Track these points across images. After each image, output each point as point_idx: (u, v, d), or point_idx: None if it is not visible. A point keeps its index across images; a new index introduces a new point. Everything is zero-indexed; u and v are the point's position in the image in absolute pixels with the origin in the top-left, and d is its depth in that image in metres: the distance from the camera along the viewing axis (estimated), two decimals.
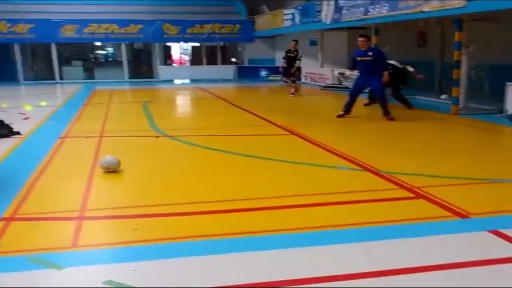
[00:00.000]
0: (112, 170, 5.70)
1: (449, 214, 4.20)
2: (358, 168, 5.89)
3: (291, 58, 15.15)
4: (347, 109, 10.16)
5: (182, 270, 3.22)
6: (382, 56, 10.05)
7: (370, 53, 9.87)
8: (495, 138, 8.55)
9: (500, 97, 10.43)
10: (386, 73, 9.81)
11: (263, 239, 3.72)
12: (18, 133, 8.44)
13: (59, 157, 6.76)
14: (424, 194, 4.74)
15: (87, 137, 8.20)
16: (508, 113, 9.88)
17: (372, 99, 11.98)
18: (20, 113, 10.77)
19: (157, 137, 8.25)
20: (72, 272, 3.22)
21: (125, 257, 3.42)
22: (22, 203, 4.64)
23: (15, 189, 5.03)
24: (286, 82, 15.61)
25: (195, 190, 5.13)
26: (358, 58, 10.03)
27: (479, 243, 3.61)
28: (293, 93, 15.25)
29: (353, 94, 10.22)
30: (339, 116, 10.12)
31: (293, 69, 15.25)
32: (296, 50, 15.16)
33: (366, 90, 11.41)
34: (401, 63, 11.74)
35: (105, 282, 3.00)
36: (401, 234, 3.79)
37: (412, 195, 4.77)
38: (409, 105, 11.65)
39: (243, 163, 6.42)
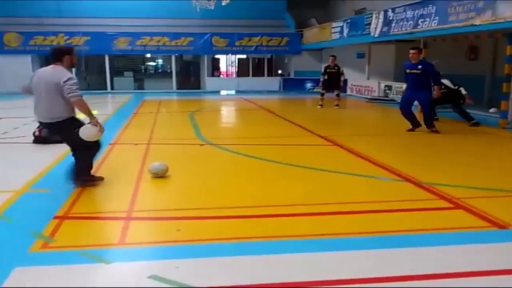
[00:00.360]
0: (160, 175, 5.95)
1: (488, 224, 4.22)
2: (399, 178, 5.93)
3: (332, 74, 15.23)
4: (411, 121, 9.92)
5: (219, 268, 3.39)
6: (432, 70, 9.77)
7: (419, 66, 9.55)
8: None
9: None
10: (437, 87, 9.60)
11: (302, 243, 3.85)
12: None
13: (109, 162, 7.07)
14: (464, 205, 4.75)
15: (136, 144, 8.52)
16: None
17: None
18: None
19: (201, 145, 8.50)
20: (120, 267, 3.45)
21: (168, 255, 3.61)
22: (74, 204, 4.92)
23: (68, 191, 5.32)
24: (322, 94, 15.60)
25: (235, 196, 5.32)
26: (408, 71, 9.75)
27: None
28: (337, 105, 15.28)
29: (404, 109, 9.97)
30: (409, 130, 9.84)
31: (341, 83, 15.45)
32: (336, 65, 15.24)
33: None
34: (454, 84, 11.37)
35: (149, 277, 3.20)
36: (435, 242, 3.84)
37: (451, 205, 4.79)
38: (471, 121, 11.08)
39: (281, 171, 6.54)
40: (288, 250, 3.69)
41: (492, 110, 12.79)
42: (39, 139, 8.58)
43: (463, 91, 11.00)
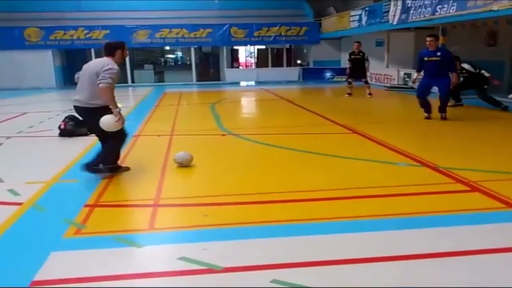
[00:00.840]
0: (185, 165, 6.16)
1: (503, 205, 4.35)
2: (417, 164, 6.06)
3: (357, 60, 15.22)
4: (427, 109, 9.95)
5: (245, 249, 3.60)
6: (450, 57, 9.74)
7: (438, 53, 9.53)
8: None
9: None
10: (455, 74, 9.57)
11: (324, 225, 4.03)
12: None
13: (134, 153, 7.29)
14: (480, 187, 4.89)
15: (159, 135, 8.75)
16: None
17: (457, 101, 11.76)
18: None
19: (223, 135, 8.70)
20: (151, 250, 3.67)
21: (196, 238, 3.82)
22: (103, 192, 5.15)
23: (96, 181, 5.55)
24: (350, 83, 15.65)
25: (258, 182, 5.51)
26: (426, 58, 9.71)
27: None
28: (370, 94, 15.26)
29: (421, 97, 9.97)
30: (426, 118, 9.88)
31: (367, 70, 15.44)
32: (361, 51, 15.22)
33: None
34: (475, 68, 11.37)
35: (180, 258, 3.40)
36: (452, 223, 4.01)
37: (468, 188, 4.93)
38: (499, 106, 11.15)
39: (302, 158, 6.72)
40: (311, 232, 3.88)
41: (511, 95, 12.73)
42: (64, 132, 8.84)
43: (486, 74, 10.98)
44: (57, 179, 5.80)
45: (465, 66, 11.32)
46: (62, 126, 8.90)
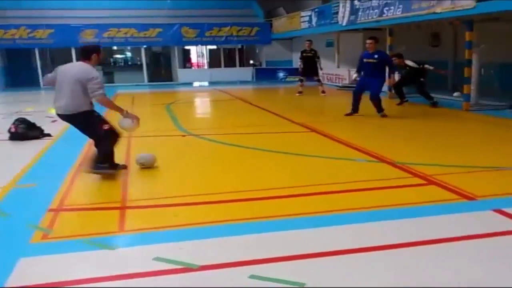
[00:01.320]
0: (148, 166, 6.16)
1: (458, 197, 4.66)
2: (375, 160, 6.32)
3: (309, 58, 15.50)
4: (354, 107, 10.52)
5: (218, 247, 3.68)
6: (387, 59, 10.39)
7: (376, 56, 10.13)
8: (504, 131, 8.90)
9: (509, 93, 10.75)
10: (392, 76, 10.25)
11: (282, 223, 4.16)
12: (49, 135, 8.89)
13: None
14: (436, 181, 5.18)
15: None
16: None
17: (401, 97, 12.39)
18: (47, 116, 11.25)
19: (183, 136, 8.72)
20: (124, 251, 3.68)
21: (169, 238, 3.86)
22: (66, 196, 5.09)
23: (57, 184, 5.46)
24: (301, 81, 15.93)
25: (224, 182, 5.60)
26: (365, 60, 10.31)
27: (483, 220, 4.09)
28: (323, 92, 15.68)
29: (356, 93, 10.52)
30: (347, 115, 10.50)
31: (320, 70, 15.77)
32: (312, 49, 15.52)
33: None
34: (418, 64, 11.99)
35: (155, 259, 3.44)
36: (413, 214, 4.26)
37: (424, 182, 5.22)
38: (430, 100, 11.99)
39: (264, 157, 6.85)
40: (281, 228, 4.01)
41: (456, 94, 13.33)
42: (15, 136, 8.57)
43: (429, 67, 11.79)
44: (15, 183, 5.67)
45: (408, 62, 11.92)
46: (13, 130, 8.62)
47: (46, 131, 8.95)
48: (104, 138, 5.68)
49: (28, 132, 8.63)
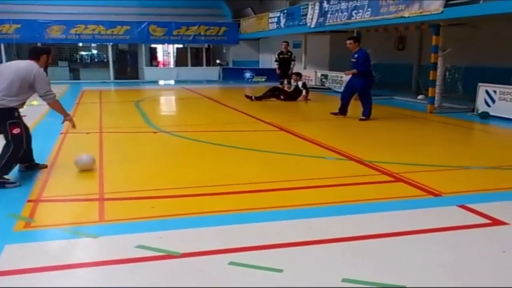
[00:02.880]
0: (85, 169, 5.87)
1: (424, 193, 4.92)
2: (343, 158, 6.57)
3: (286, 59, 15.68)
4: (342, 109, 10.57)
5: (197, 237, 3.84)
6: (362, 60, 10.21)
7: (355, 55, 10.22)
8: (467, 133, 9.38)
9: (472, 96, 11.21)
10: (354, 70, 10.16)
11: (257, 215, 4.33)
12: None
13: (66, 150, 7.24)
14: (402, 178, 5.45)
15: (88, 133, 8.66)
16: (479, 111, 10.67)
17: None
18: None
19: (154, 132, 8.81)
20: (106, 240, 3.78)
21: (149, 228, 3.98)
22: (43, 189, 5.15)
23: (33, 177, 5.53)
24: (282, 83, 16.09)
25: (197, 176, 5.74)
26: (352, 60, 10.38)
27: (449, 215, 4.34)
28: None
29: (344, 93, 10.69)
30: (333, 114, 10.60)
31: (291, 71, 15.76)
32: (289, 51, 15.72)
33: None
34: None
35: (137, 247, 3.56)
36: (382, 209, 4.49)
37: (392, 179, 5.48)
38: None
39: (236, 154, 7.04)
40: (256, 220, 4.19)
41: (420, 97, 13.78)
42: None
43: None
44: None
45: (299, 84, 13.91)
46: None
47: None
48: (8, 142, 5.30)
49: None
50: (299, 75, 14.65)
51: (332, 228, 4.02)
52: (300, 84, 14.34)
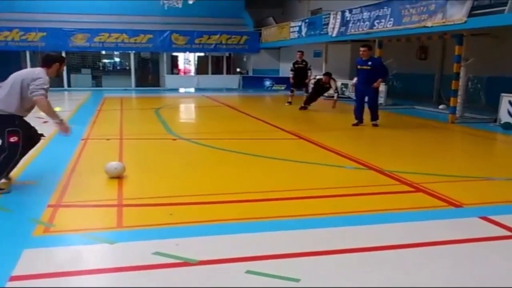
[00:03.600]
0: (116, 175, 5.87)
1: (445, 204, 4.85)
2: (363, 167, 6.51)
3: (301, 69, 15.68)
4: (359, 116, 10.57)
5: (215, 244, 3.82)
6: (381, 66, 10.54)
7: (369, 63, 10.37)
8: (489, 144, 9.23)
9: (495, 107, 11.05)
10: (379, 80, 10.35)
11: (275, 223, 4.32)
12: (42, 135, 8.93)
13: (86, 156, 7.31)
14: (423, 188, 5.37)
15: (108, 139, 8.75)
16: (502, 122, 10.51)
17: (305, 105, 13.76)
18: (37, 117, 11.25)
19: (174, 139, 8.85)
20: (124, 246, 3.79)
21: (166, 235, 3.98)
22: (63, 194, 5.19)
23: (54, 183, 5.57)
24: (292, 91, 16.11)
25: (217, 184, 5.74)
26: (359, 67, 10.59)
27: (470, 226, 4.28)
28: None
29: (358, 103, 10.65)
30: (355, 125, 10.48)
31: (308, 80, 15.86)
32: (304, 61, 15.72)
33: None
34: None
35: (154, 253, 3.57)
36: (402, 219, 4.44)
37: (412, 189, 5.41)
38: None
39: (255, 162, 7.02)
40: (275, 228, 4.17)
41: (441, 106, 13.63)
42: None
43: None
44: (15, 180, 5.75)
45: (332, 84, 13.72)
46: None
47: (39, 131, 8.95)
48: (3, 150, 5.17)
49: None
50: (330, 74, 14.31)
51: (351, 238, 3.98)
52: (333, 85, 14.09)
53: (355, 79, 11.22)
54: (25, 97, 5.18)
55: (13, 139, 5.17)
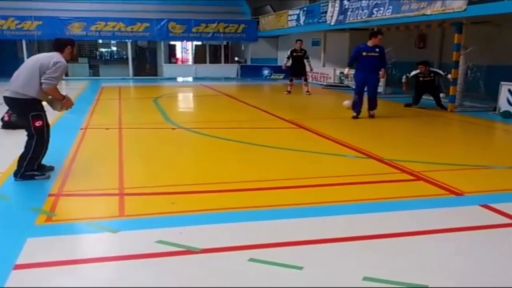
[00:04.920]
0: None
1: (446, 192, 4.86)
2: (364, 156, 6.52)
3: (299, 57, 15.67)
4: (358, 109, 10.22)
5: (217, 233, 3.84)
6: (384, 54, 10.36)
7: (377, 50, 10.02)
8: (488, 132, 9.24)
9: (494, 95, 11.05)
10: (384, 70, 10.27)
11: (276, 212, 4.34)
12: None
13: (86, 145, 7.31)
14: (424, 177, 5.39)
15: (107, 128, 8.74)
16: (501, 110, 10.52)
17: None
18: None
19: (173, 129, 8.84)
20: (127, 235, 3.80)
21: (169, 224, 4.00)
22: (64, 183, 5.19)
23: (54, 172, 5.56)
24: (291, 80, 16.09)
25: (218, 173, 5.74)
26: (364, 53, 10.03)
27: (470, 214, 4.30)
28: (308, 92, 15.84)
29: (360, 92, 10.23)
30: (354, 118, 10.13)
31: (309, 69, 15.95)
32: (302, 49, 15.69)
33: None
34: (444, 72, 11.96)
35: (157, 242, 3.58)
36: (403, 207, 4.45)
37: (412, 177, 5.42)
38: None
39: (255, 151, 7.02)
40: (277, 217, 4.19)
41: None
42: (7, 125, 8.62)
43: (449, 75, 11.64)
44: (13, 169, 5.73)
45: (434, 70, 12.27)
46: (6, 118, 8.66)
47: None
48: (31, 136, 5.28)
49: (19, 121, 8.62)
50: (426, 63, 12.15)
51: (353, 226, 3.99)
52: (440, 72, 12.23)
53: (347, 69, 11.09)
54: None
55: (38, 123, 5.27)
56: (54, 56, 5.26)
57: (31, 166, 5.29)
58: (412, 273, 3.13)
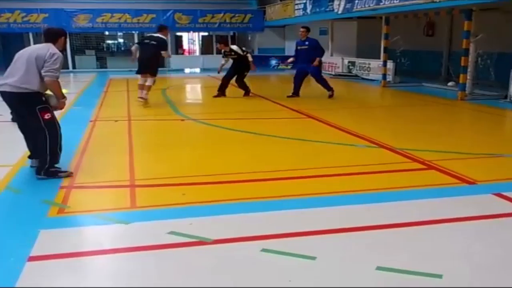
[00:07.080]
0: None
1: (458, 181, 4.83)
2: (375, 145, 6.49)
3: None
4: (295, 90, 11.90)
5: (228, 224, 3.86)
6: (316, 45, 11.64)
7: (306, 43, 11.60)
8: (499, 120, 9.18)
9: (505, 83, 10.94)
10: (318, 59, 11.48)
11: (288, 202, 4.31)
12: None
13: (96, 137, 7.32)
14: (435, 166, 5.35)
15: (116, 120, 8.75)
16: None
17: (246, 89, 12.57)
18: None
19: (182, 120, 8.83)
20: (138, 226, 3.81)
21: (180, 215, 4.00)
22: (75, 175, 5.19)
23: (65, 164, 5.50)
24: None
25: (229, 163, 5.75)
26: (298, 47, 11.76)
27: (483, 203, 4.27)
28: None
29: (297, 77, 11.94)
30: (289, 96, 11.75)
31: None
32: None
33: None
34: (243, 50, 12.49)
35: (169, 233, 3.58)
36: (415, 197, 4.43)
37: (424, 167, 5.38)
38: (247, 92, 12.54)
39: (265, 141, 7.01)
40: (289, 207, 4.16)
41: (450, 83, 13.51)
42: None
43: (250, 58, 12.33)
44: (24, 162, 5.75)
45: (233, 47, 12.51)
46: None
47: None
48: (42, 130, 5.08)
49: None
50: (224, 42, 13.45)
51: (365, 216, 3.98)
52: (235, 48, 12.78)
53: (291, 59, 12.49)
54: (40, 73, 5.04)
55: (47, 116, 5.10)
56: (49, 47, 5.09)
57: (55, 160, 5.15)
58: (426, 262, 3.11)
